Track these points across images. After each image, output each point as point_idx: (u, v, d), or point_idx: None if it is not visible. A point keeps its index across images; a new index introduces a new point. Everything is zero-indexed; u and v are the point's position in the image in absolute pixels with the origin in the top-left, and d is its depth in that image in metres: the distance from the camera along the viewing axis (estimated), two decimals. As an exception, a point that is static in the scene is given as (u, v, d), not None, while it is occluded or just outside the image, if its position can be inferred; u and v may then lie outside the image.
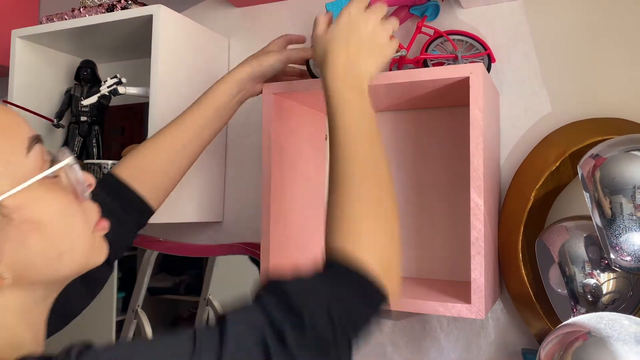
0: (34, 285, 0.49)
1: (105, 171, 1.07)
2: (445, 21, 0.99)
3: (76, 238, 0.51)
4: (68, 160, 0.51)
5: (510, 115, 0.95)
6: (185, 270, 1.24)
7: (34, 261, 0.48)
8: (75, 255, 0.51)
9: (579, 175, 0.68)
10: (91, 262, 0.53)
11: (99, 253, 0.55)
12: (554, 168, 0.81)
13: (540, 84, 0.93)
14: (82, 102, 1.12)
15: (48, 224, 0.48)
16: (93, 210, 0.55)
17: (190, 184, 1.07)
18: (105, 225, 0.55)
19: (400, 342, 1.01)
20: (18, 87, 1.14)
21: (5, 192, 0.46)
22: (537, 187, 0.82)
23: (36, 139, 0.50)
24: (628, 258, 0.63)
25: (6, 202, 0.46)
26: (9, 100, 1.12)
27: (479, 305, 0.73)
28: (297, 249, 0.97)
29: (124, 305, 1.28)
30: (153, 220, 0.97)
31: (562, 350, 0.56)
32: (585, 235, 0.74)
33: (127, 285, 1.27)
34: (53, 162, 0.51)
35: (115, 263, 0.94)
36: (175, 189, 1.02)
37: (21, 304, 0.49)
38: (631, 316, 0.59)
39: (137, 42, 1.15)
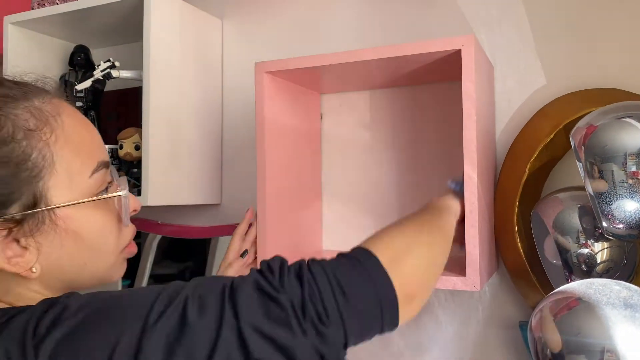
0: (54, 283, 0.55)
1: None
2: (438, -5, 0.98)
3: (104, 254, 0.57)
4: (124, 192, 0.57)
5: (505, 89, 0.94)
6: (190, 257, 1.24)
7: (61, 263, 0.53)
8: (97, 268, 0.57)
9: (572, 145, 0.68)
10: (107, 278, 0.59)
11: (117, 272, 0.60)
12: (548, 140, 0.80)
13: (534, 55, 0.92)
14: (76, 87, 1.12)
15: (85, 237, 0.54)
16: (128, 233, 0.61)
17: (186, 166, 1.07)
18: (133, 250, 0.62)
19: (399, 318, 1.01)
20: (12, 74, 1.14)
21: (62, 202, 0.52)
22: (532, 159, 0.81)
23: (104, 165, 0.56)
24: (620, 225, 0.63)
25: (58, 211, 0.51)
26: (3, 87, 1.12)
27: (474, 278, 0.74)
28: (294, 228, 0.97)
29: (129, 293, 1.28)
30: (151, 202, 0.97)
31: (553, 316, 0.57)
32: (579, 205, 0.74)
33: (131, 273, 1.28)
34: (110, 184, 0.58)
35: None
36: (173, 171, 1.02)
37: (40, 296, 0.53)
38: (622, 282, 0.59)
39: (129, 25, 1.14)
